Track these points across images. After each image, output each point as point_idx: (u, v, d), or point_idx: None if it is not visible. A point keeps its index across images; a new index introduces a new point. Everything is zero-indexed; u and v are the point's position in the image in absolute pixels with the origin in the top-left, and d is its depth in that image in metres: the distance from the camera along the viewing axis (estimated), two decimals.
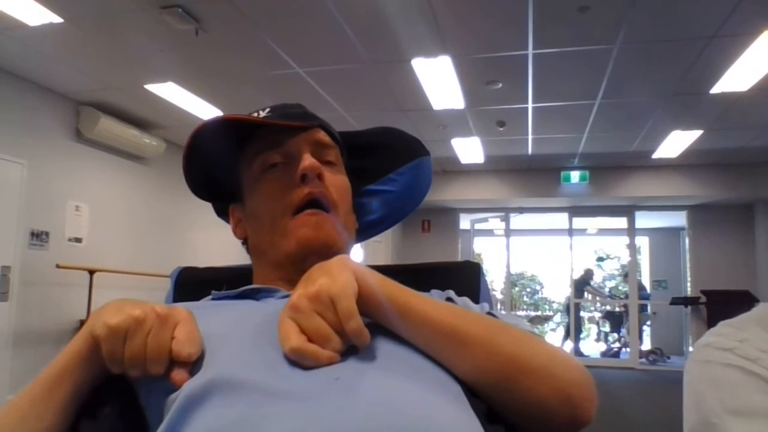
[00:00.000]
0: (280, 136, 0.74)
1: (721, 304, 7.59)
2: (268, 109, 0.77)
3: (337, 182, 0.75)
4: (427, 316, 0.57)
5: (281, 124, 0.73)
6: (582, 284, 11.01)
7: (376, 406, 0.48)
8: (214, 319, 0.63)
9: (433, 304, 0.59)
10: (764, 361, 0.72)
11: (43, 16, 3.64)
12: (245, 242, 0.82)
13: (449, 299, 0.72)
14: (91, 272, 4.93)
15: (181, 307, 0.59)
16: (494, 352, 0.56)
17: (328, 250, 0.70)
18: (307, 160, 0.71)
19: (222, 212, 0.87)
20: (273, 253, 0.73)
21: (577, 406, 0.56)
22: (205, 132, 0.71)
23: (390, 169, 0.89)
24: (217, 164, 0.77)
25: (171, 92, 5.03)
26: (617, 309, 11.43)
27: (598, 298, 16.67)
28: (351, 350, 0.54)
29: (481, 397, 0.57)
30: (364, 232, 0.88)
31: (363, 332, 0.53)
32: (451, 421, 0.50)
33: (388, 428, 0.46)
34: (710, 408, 0.72)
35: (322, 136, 0.77)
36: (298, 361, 0.52)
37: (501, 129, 6.15)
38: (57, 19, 3.69)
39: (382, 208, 0.89)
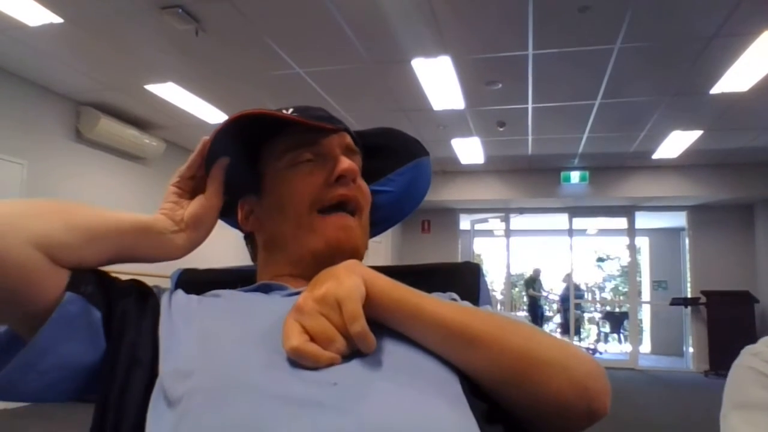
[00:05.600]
0: (314, 136, 0.74)
1: (721, 305, 7.60)
2: (291, 109, 0.76)
3: (364, 188, 0.77)
4: (438, 317, 0.57)
5: (317, 126, 0.73)
6: (531, 283, 11.29)
7: (372, 412, 0.48)
8: (219, 316, 0.63)
9: (443, 304, 0.59)
10: None
11: (43, 17, 3.65)
12: (249, 237, 0.81)
13: (453, 300, 0.72)
14: None
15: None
16: (506, 348, 0.56)
17: (353, 255, 0.71)
18: (346, 163, 0.72)
19: (224, 212, 0.87)
20: (294, 247, 0.73)
21: (594, 399, 0.56)
22: (231, 126, 0.70)
23: (389, 169, 0.89)
24: (235, 158, 0.76)
25: (171, 92, 5.03)
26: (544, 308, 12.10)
27: (598, 299, 16.71)
28: (353, 354, 0.54)
29: (495, 394, 0.57)
30: None
31: (367, 336, 0.53)
32: (447, 424, 0.50)
33: None
34: (724, 404, 0.79)
35: (350, 141, 0.77)
36: (297, 360, 0.52)
37: (501, 129, 6.15)
38: (57, 20, 3.69)
39: (381, 208, 0.89)
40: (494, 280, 12.90)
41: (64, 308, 0.57)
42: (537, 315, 11.34)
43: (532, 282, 11.62)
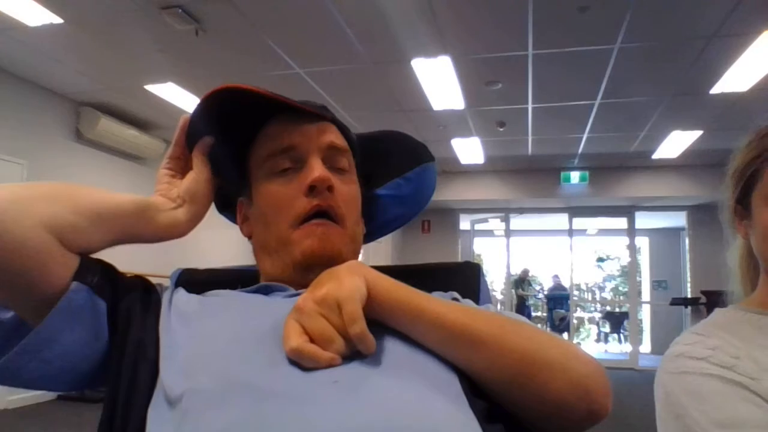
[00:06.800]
0: (294, 137, 0.73)
1: (721, 305, 7.59)
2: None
3: (346, 193, 0.74)
4: (440, 318, 0.57)
5: (298, 106, 0.72)
6: (519, 283, 11.44)
7: (373, 410, 0.48)
8: (219, 316, 0.63)
9: (444, 305, 0.59)
10: (739, 368, 0.71)
11: (42, 17, 3.64)
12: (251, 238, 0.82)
13: (455, 299, 0.72)
14: None
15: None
16: (507, 349, 0.56)
17: (333, 263, 0.70)
18: (317, 171, 0.69)
19: (224, 207, 0.87)
20: (278, 258, 0.73)
21: (594, 400, 0.56)
22: (215, 109, 0.70)
23: (397, 173, 0.89)
24: (228, 154, 0.76)
25: (171, 93, 5.03)
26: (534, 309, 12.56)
27: (598, 299, 16.70)
28: (354, 355, 0.54)
29: (496, 394, 0.57)
30: (368, 236, 0.88)
31: (367, 337, 0.53)
32: (447, 423, 0.50)
33: (384, 431, 0.46)
34: (695, 421, 0.70)
35: (337, 139, 0.75)
36: (297, 361, 0.52)
37: (501, 129, 6.16)
38: (57, 20, 3.69)
39: (387, 212, 0.89)
40: (494, 280, 12.90)
41: (69, 297, 0.57)
42: (524, 315, 11.39)
43: (521, 282, 11.78)
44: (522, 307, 11.49)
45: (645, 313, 11.67)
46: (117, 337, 0.61)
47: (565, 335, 10.71)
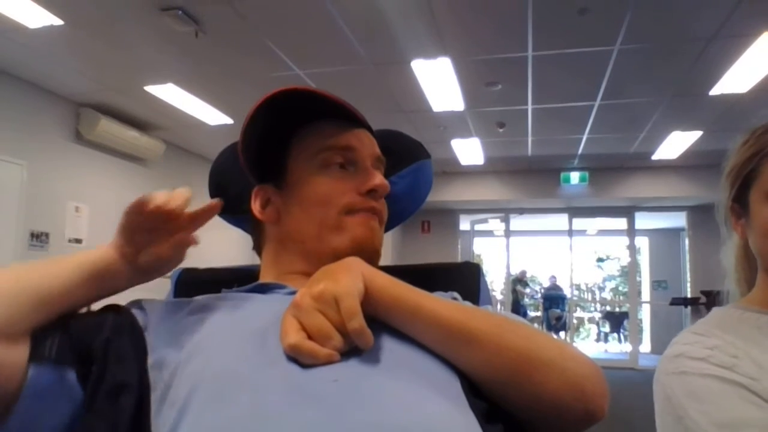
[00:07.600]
0: (352, 140, 0.74)
1: (718, 304, 7.58)
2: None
3: (384, 203, 0.78)
4: (437, 316, 0.57)
5: (355, 114, 0.73)
6: (516, 283, 11.58)
7: (373, 409, 0.48)
8: (218, 316, 0.63)
9: (442, 303, 0.59)
10: (740, 368, 0.70)
11: (43, 19, 3.64)
12: (257, 226, 0.80)
13: (454, 299, 0.72)
14: None
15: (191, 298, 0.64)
16: (504, 348, 0.56)
17: (375, 257, 0.72)
18: (379, 179, 0.73)
19: (225, 209, 0.86)
20: (315, 244, 0.72)
21: (590, 401, 0.56)
22: (276, 102, 0.69)
23: (391, 172, 0.88)
24: (268, 139, 0.75)
25: (171, 94, 5.03)
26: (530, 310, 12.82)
27: (598, 299, 16.69)
28: (352, 351, 0.54)
29: (493, 394, 0.57)
30: None
31: (365, 332, 0.53)
32: (448, 423, 0.50)
33: (384, 431, 0.47)
34: (695, 422, 0.69)
35: (379, 152, 0.78)
36: (296, 357, 0.52)
37: (501, 130, 6.15)
38: (57, 22, 3.69)
39: None
40: (494, 280, 12.90)
41: (30, 385, 0.54)
42: (519, 314, 11.46)
43: (518, 282, 11.93)
44: (516, 306, 11.56)
45: (645, 313, 11.66)
46: (93, 380, 0.56)
47: (562, 334, 10.75)
